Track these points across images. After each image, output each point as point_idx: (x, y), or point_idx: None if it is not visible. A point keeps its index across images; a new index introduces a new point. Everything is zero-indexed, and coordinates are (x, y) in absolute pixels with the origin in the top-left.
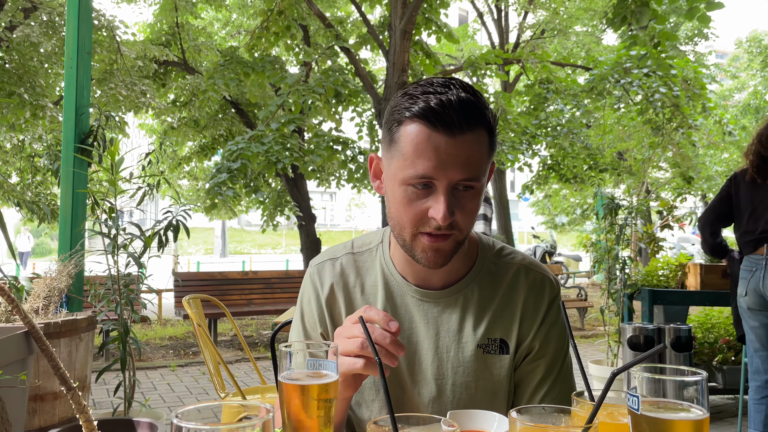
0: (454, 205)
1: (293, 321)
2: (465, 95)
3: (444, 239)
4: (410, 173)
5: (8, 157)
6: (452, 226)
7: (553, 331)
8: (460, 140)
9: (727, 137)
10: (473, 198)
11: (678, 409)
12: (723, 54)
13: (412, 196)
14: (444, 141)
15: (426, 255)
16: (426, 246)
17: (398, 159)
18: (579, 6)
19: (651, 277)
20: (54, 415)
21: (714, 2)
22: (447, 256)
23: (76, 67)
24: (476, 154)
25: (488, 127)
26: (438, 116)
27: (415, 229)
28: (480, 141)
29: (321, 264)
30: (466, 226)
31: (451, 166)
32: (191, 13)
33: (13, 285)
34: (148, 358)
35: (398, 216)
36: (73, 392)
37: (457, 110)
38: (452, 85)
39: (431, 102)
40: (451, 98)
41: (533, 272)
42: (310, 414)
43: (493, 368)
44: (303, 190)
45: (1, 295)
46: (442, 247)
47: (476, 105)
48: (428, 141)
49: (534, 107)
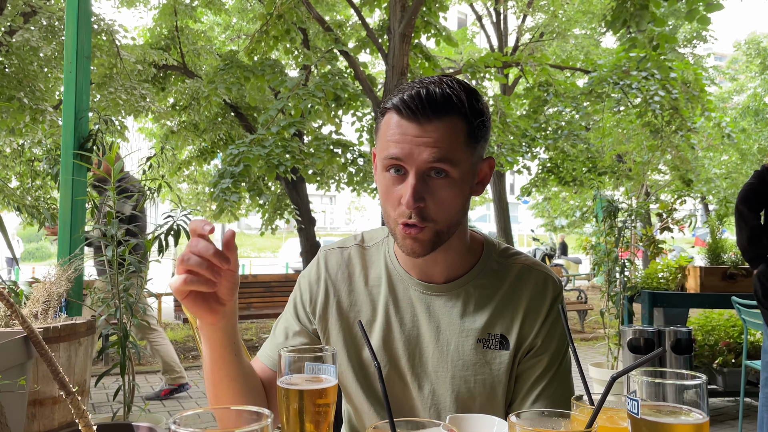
0: (423, 192)
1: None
2: (440, 88)
3: (418, 230)
4: (383, 155)
5: (8, 161)
6: (424, 216)
7: (554, 329)
8: (427, 127)
9: (727, 140)
10: (447, 186)
11: (678, 413)
12: (721, 56)
13: (389, 183)
14: (411, 127)
15: (405, 243)
16: (404, 234)
17: (378, 146)
18: (578, 9)
19: (651, 280)
20: (53, 419)
21: (713, 3)
22: (426, 246)
23: (76, 71)
24: (445, 141)
25: (463, 115)
26: (406, 105)
27: (394, 218)
28: (452, 128)
29: (330, 250)
30: (439, 215)
31: (418, 150)
32: (191, 17)
33: (12, 289)
34: (147, 362)
35: (383, 204)
36: (73, 397)
37: (425, 100)
38: (439, 80)
39: (405, 94)
40: (422, 91)
41: (536, 271)
42: (308, 418)
43: (493, 363)
44: (302, 193)
45: (0, 299)
46: (419, 237)
47: (449, 96)
48: (398, 127)
49: (533, 110)
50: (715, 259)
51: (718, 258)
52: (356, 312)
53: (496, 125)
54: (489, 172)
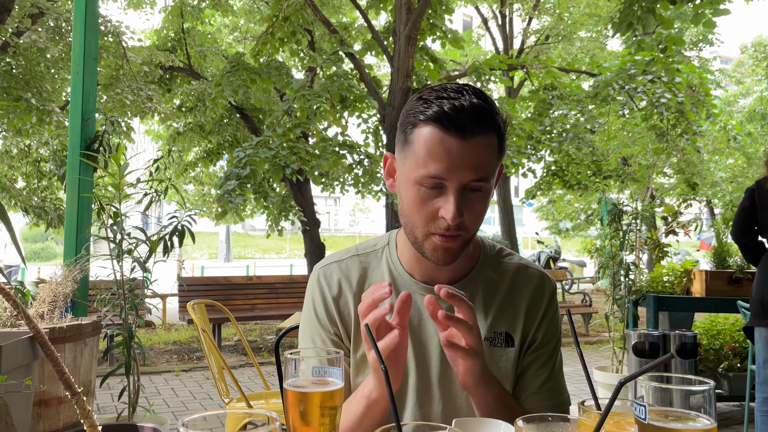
0: (463, 206)
1: (302, 326)
2: (477, 101)
3: (453, 239)
4: (422, 173)
5: (14, 161)
6: (460, 226)
7: (552, 323)
8: (471, 143)
9: (732, 143)
10: (482, 199)
11: (685, 419)
12: (728, 59)
13: (423, 196)
14: (455, 143)
15: (436, 254)
16: (437, 245)
17: (411, 159)
18: (583, 12)
19: (656, 284)
20: (58, 420)
21: (720, 9)
22: (455, 255)
23: (83, 72)
24: (486, 157)
25: (498, 132)
26: (451, 120)
27: (426, 229)
28: (490, 145)
29: (327, 266)
30: (473, 226)
31: (462, 168)
32: (198, 18)
33: (19, 290)
34: (152, 363)
35: (410, 215)
36: (78, 397)
37: (469, 114)
38: (465, 91)
39: (445, 106)
40: (464, 103)
41: (532, 269)
42: (314, 421)
43: (500, 361)
44: (307, 195)
45: (7, 299)
46: (452, 247)
47: (487, 110)
48: (441, 143)
49: (538, 113)
50: (720, 263)
51: (724, 262)
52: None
53: None
54: (499, 177)
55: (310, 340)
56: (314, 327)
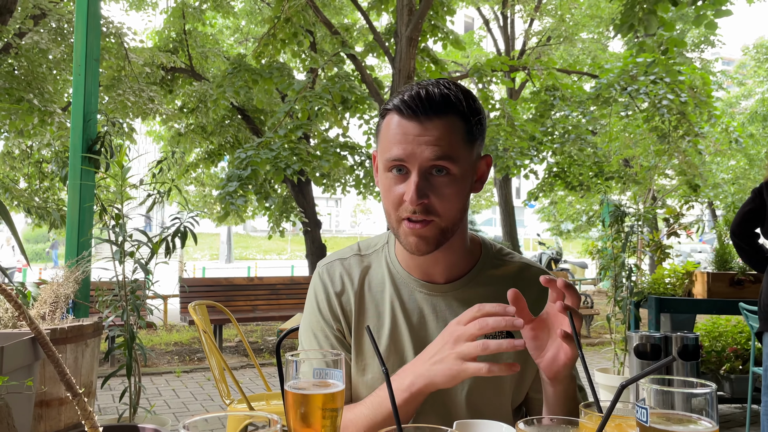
0: (426, 188)
1: (304, 322)
2: (438, 88)
3: (423, 225)
4: (386, 157)
5: (16, 162)
6: (428, 210)
7: None
8: (428, 125)
9: (734, 145)
10: (450, 184)
11: (687, 422)
12: (729, 61)
13: (391, 182)
14: (412, 126)
15: (409, 240)
16: (408, 231)
17: (379, 148)
18: (585, 13)
19: (658, 285)
20: (60, 421)
21: (722, 10)
22: (431, 243)
23: (84, 73)
24: (445, 139)
25: (461, 114)
26: (407, 105)
27: (397, 215)
28: (450, 126)
29: (330, 264)
30: (445, 211)
31: (420, 149)
32: (199, 20)
33: (20, 291)
34: (153, 364)
35: (384, 204)
36: (79, 398)
37: (426, 99)
38: (436, 82)
39: (405, 95)
40: (421, 90)
41: (535, 269)
42: (315, 424)
43: (500, 360)
44: (308, 196)
45: (8, 300)
46: (424, 233)
47: (446, 96)
48: (399, 126)
49: (540, 114)
50: (722, 264)
51: (726, 264)
52: (364, 319)
53: (503, 129)
54: (486, 169)
55: (311, 335)
56: (316, 322)
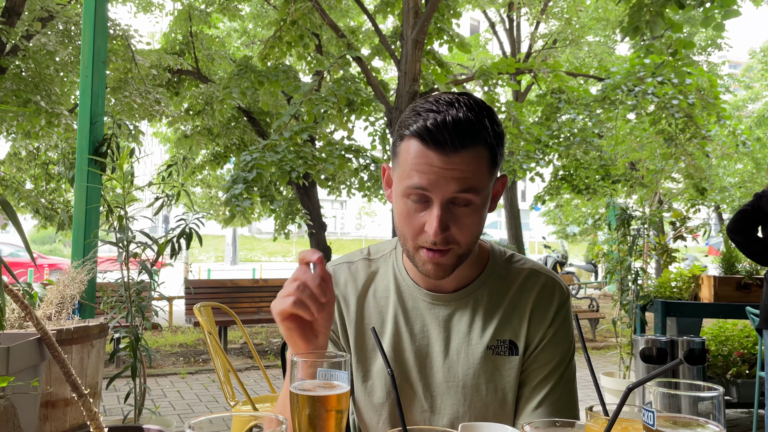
0: (448, 220)
1: None
2: (464, 115)
3: (442, 254)
4: (407, 185)
5: (23, 164)
6: (449, 240)
7: (561, 335)
8: (453, 158)
9: (741, 148)
10: (472, 213)
11: (694, 425)
12: (736, 64)
13: (411, 209)
14: (437, 158)
15: (426, 267)
16: (425, 259)
17: (398, 171)
18: (591, 16)
19: (664, 289)
20: (65, 421)
21: (731, 10)
22: (448, 269)
23: (92, 75)
24: (471, 171)
25: (487, 144)
26: (432, 135)
27: (415, 242)
28: (477, 158)
29: (337, 266)
30: (465, 239)
31: (445, 181)
32: (205, 22)
33: (27, 291)
34: (158, 365)
35: (400, 227)
36: (84, 399)
37: (451, 130)
38: (457, 103)
39: (428, 122)
40: (447, 118)
41: (544, 276)
42: (320, 425)
43: (503, 369)
44: (314, 198)
45: (15, 301)
46: (442, 261)
47: (474, 124)
48: (423, 157)
49: (546, 117)
50: (728, 268)
51: (732, 267)
52: (366, 324)
53: (509, 131)
54: (501, 188)
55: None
56: None
